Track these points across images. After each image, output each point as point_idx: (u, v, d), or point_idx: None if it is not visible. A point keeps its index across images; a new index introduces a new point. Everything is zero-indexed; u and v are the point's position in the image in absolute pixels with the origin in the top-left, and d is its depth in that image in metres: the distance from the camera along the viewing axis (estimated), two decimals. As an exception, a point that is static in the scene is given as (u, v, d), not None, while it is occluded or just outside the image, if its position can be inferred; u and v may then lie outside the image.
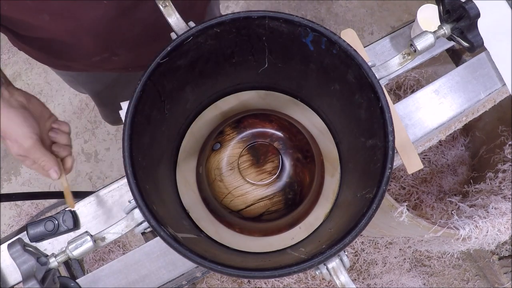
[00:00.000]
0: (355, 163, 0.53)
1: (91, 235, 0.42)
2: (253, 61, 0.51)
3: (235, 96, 0.60)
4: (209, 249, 0.51)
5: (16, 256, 0.38)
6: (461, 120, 0.68)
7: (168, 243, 0.40)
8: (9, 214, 1.41)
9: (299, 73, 0.52)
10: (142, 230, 0.44)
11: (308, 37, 0.45)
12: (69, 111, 1.49)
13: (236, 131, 0.56)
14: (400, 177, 1.28)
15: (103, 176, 1.45)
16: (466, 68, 0.69)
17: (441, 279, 1.37)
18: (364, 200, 0.43)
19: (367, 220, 0.40)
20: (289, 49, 0.48)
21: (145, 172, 0.44)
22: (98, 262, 1.32)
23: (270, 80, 0.57)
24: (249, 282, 1.33)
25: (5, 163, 1.46)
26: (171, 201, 0.54)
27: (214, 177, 0.55)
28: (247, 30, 0.46)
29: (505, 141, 1.09)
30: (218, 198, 0.55)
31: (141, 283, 0.60)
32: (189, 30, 0.44)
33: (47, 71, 1.52)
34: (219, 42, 0.46)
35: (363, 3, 1.58)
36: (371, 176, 0.44)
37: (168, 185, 0.55)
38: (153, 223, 0.40)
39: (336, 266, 0.42)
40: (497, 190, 1.03)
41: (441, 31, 0.47)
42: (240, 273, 0.39)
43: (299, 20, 0.43)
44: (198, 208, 0.57)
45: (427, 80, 1.23)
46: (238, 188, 0.54)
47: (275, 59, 0.51)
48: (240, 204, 0.54)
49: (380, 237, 1.33)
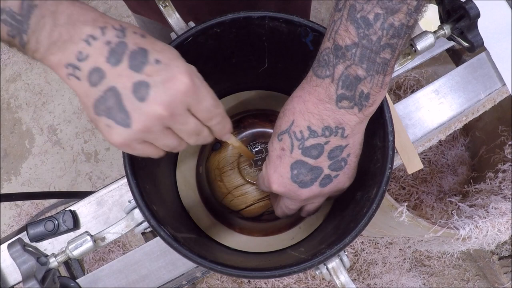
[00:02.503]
0: (355, 163, 0.53)
1: (91, 235, 0.42)
2: (253, 61, 0.51)
3: (235, 96, 0.60)
4: (209, 249, 0.51)
5: (16, 256, 0.38)
6: (461, 120, 0.68)
7: (168, 243, 0.40)
8: (9, 214, 1.41)
9: (299, 73, 0.52)
10: (142, 230, 0.44)
11: (308, 37, 0.45)
12: (69, 111, 1.49)
13: (236, 131, 0.56)
14: (400, 177, 1.28)
15: (103, 176, 1.45)
16: (466, 68, 0.69)
17: (441, 279, 1.37)
18: (364, 200, 0.43)
19: (367, 220, 0.40)
20: (289, 49, 0.48)
21: (145, 172, 0.44)
22: (98, 262, 1.33)
23: (270, 80, 0.57)
24: (249, 282, 1.33)
25: (5, 163, 1.46)
26: (171, 201, 0.54)
27: (214, 177, 0.56)
28: (247, 30, 0.46)
29: (505, 141, 1.09)
30: (218, 198, 0.55)
31: (141, 283, 0.60)
32: (189, 30, 0.44)
33: (47, 71, 1.52)
34: (219, 42, 0.46)
35: (363, 3, 1.58)
36: (371, 176, 0.44)
37: (168, 185, 0.55)
38: (153, 223, 0.40)
39: (336, 266, 0.42)
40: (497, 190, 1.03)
41: (441, 31, 0.47)
42: (240, 273, 0.39)
43: (299, 20, 0.44)
44: (198, 208, 0.57)
45: (427, 80, 1.23)
46: (238, 188, 0.54)
47: (275, 59, 0.51)
48: (240, 204, 0.54)
49: (380, 237, 1.33)
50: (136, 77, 0.33)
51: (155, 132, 0.35)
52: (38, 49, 0.33)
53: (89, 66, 0.33)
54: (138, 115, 0.33)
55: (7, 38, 0.33)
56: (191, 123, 0.36)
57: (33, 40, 0.33)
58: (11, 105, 1.50)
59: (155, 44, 0.35)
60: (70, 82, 0.34)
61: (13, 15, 0.32)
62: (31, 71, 1.53)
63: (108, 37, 0.34)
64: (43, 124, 1.48)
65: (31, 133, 1.48)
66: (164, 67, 0.34)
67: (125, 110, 0.33)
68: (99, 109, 0.34)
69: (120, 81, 0.33)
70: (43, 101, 1.50)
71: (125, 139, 0.34)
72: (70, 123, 1.48)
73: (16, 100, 1.50)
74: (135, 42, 0.34)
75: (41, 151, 1.46)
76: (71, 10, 0.33)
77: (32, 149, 1.47)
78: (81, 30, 0.33)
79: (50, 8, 0.33)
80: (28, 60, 1.54)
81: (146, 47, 0.34)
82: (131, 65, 0.33)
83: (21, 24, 0.32)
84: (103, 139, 1.47)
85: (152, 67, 0.34)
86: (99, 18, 0.34)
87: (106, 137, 0.35)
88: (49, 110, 1.49)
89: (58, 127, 1.48)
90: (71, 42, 0.33)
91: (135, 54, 0.34)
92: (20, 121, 1.49)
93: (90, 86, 0.34)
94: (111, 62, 0.33)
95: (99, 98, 0.34)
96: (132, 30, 0.35)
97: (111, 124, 0.34)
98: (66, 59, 0.33)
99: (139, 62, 0.33)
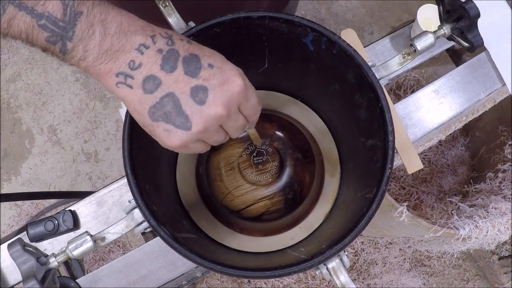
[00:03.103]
0: (355, 163, 0.53)
1: (91, 235, 0.42)
2: (253, 61, 0.51)
3: (235, 96, 0.60)
4: (209, 249, 0.51)
5: (16, 256, 0.38)
6: (461, 120, 0.68)
7: (168, 243, 0.40)
8: (9, 214, 1.41)
9: (299, 73, 0.52)
10: (142, 230, 0.44)
11: (308, 37, 0.45)
12: (69, 111, 1.49)
13: (236, 131, 0.56)
14: (400, 177, 1.28)
15: (103, 176, 1.45)
16: (466, 68, 0.69)
17: (441, 279, 1.37)
18: (364, 200, 0.43)
19: (367, 220, 0.40)
20: (289, 49, 0.48)
21: (145, 172, 0.44)
22: (98, 262, 1.33)
23: (270, 80, 0.57)
24: (249, 282, 1.33)
25: (5, 163, 1.46)
26: (171, 201, 0.54)
27: (214, 177, 0.56)
28: (247, 30, 0.46)
29: (505, 141, 1.09)
30: (218, 198, 0.55)
31: (141, 283, 0.60)
32: (189, 30, 0.44)
33: (47, 71, 1.52)
34: (219, 42, 0.46)
35: (363, 3, 1.58)
36: (371, 176, 0.44)
37: (168, 185, 0.55)
38: (153, 223, 0.40)
39: (336, 266, 0.42)
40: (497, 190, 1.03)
41: (441, 31, 0.47)
42: (240, 273, 0.39)
43: (299, 20, 0.43)
44: (198, 208, 0.57)
45: (427, 80, 1.23)
46: (238, 188, 0.54)
47: (275, 59, 0.51)
48: (240, 204, 0.54)
49: (380, 237, 1.33)
50: (193, 82, 0.35)
51: (211, 131, 0.37)
52: (86, 57, 0.34)
53: (144, 74, 0.34)
54: (198, 117, 0.35)
55: (44, 44, 0.33)
56: (240, 120, 0.39)
57: (79, 48, 0.33)
58: (11, 105, 1.50)
59: (203, 49, 0.37)
60: (119, 90, 0.35)
61: (55, 21, 0.32)
62: (31, 71, 1.53)
63: (159, 45, 0.35)
64: (43, 124, 1.48)
65: (31, 133, 1.48)
66: (218, 71, 0.36)
67: (184, 113, 0.35)
68: (156, 115, 0.35)
69: (178, 87, 0.35)
70: (43, 101, 1.50)
71: (184, 141, 0.36)
72: (70, 123, 1.48)
73: (16, 100, 1.50)
74: (185, 49, 0.36)
75: (41, 151, 1.46)
76: (120, 19, 0.34)
77: (32, 149, 1.47)
78: (132, 40, 0.34)
79: (98, 16, 0.33)
80: (28, 60, 1.54)
81: (196, 52, 0.36)
82: (187, 71, 0.35)
83: (64, 31, 0.33)
84: (103, 139, 1.47)
85: (207, 71, 0.35)
86: (146, 26, 0.35)
87: (164, 141, 0.36)
88: (49, 110, 1.49)
89: (58, 127, 1.48)
90: (123, 51, 0.34)
91: (188, 60, 0.35)
92: (20, 121, 1.49)
93: (145, 93, 0.35)
94: (165, 70, 0.34)
95: (155, 104, 0.35)
96: (177, 37, 0.36)
97: (170, 128, 0.35)
98: (118, 68, 0.34)
99: (194, 68, 0.35)
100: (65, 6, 0.32)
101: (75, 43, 0.33)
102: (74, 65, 0.34)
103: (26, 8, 0.31)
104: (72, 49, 0.33)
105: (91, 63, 0.34)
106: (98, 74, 0.35)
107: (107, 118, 1.48)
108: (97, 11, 0.33)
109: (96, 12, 0.33)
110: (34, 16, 0.32)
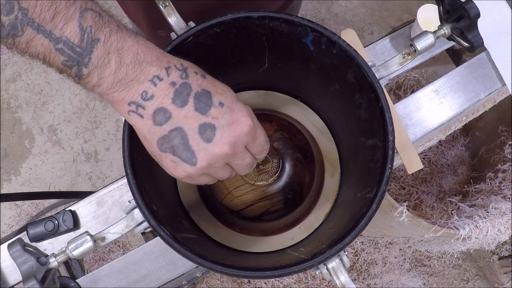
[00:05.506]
0: (355, 163, 0.53)
1: (91, 235, 0.42)
2: (253, 61, 0.51)
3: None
4: (209, 249, 0.51)
5: (16, 256, 0.38)
6: (461, 120, 0.68)
7: (168, 243, 0.40)
8: (9, 214, 1.41)
9: (299, 73, 0.52)
10: (142, 230, 0.44)
11: (308, 37, 0.45)
12: (69, 111, 1.49)
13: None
14: (400, 177, 1.28)
15: (103, 176, 1.45)
16: (466, 68, 0.69)
17: (441, 279, 1.37)
18: (364, 200, 0.43)
19: (367, 220, 0.40)
20: (289, 49, 0.48)
21: (145, 172, 0.44)
22: (98, 262, 1.33)
23: (270, 80, 0.57)
24: (249, 282, 1.33)
25: (5, 163, 1.46)
26: (171, 201, 0.54)
27: (214, 177, 0.55)
28: (247, 30, 0.45)
29: (505, 141, 1.09)
30: (218, 198, 0.55)
31: (141, 283, 0.60)
32: (189, 30, 0.44)
33: (47, 71, 1.52)
34: (219, 42, 0.46)
35: (363, 3, 1.58)
36: (371, 176, 0.44)
37: (168, 185, 0.55)
38: (153, 223, 0.40)
39: (336, 266, 0.42)
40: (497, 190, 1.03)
41: (441, 31, 0.47)
42: (240, 273, 0.39)
43: (299, 20, 0.43)
44: (198, 208, 0.57)
45: (427, 80, 1.23)
46: (238, 188, 0.54)
47: (275, 59, 0.51)
48: (240, 204, 0.54)
49: (380, 237, 1.33)
50: (202, 119, 0.35)
51: (216, 168, 0.37)
52: (101, 85, 0.34)
53: (155, 106, 0.34)
54: (203, 154, 0.35)
55: (61, 67, 0.33)
56: (247, 158, 0.39)
57: (94, 75, 0.33)
58: (11, 105, 1.50)
59: (216, 86, 0.37)
60: (131, 118, 0.36)
61: (72, 46, 0.32)
62: (31, 71, 1.53)
63: (172, 78, 0.35)
64: (43, 124, 1.48)
65: (31, 133, 1.48)
66: (228, 110, 0.36)
67: (191, 149, 0.35)
68: (164, 146, 0.36)
69: (187, 123, 0.35)
70: (43, 101, 1.50)
71: (189, 174, 0.36)
72: (70, 123, 1.48)
73: (16, 100, 1.50)
74: (198, 84, 0.36)
75: (41, 151, 1.46)
76: (136, 48, 0.34)
77: (32, 149, 1.47)
78: (147, 70, 0.34)
79: (115, 45, 0.33)
80: (28, 60, 1.53)
81: (209, 89, 0.36)
82: (197, 108, 0.35)
83: (81, 56, 0.33)
84: (103, 139, 1.47)
85: (217, 110, 0.35)
86: (162, 57, 0.35)
87: (171, 171, 0.37)
88: (49, 110, 1.49)
89: (58, 127, 1.48)
90: (137, 81, 0.34)
91: (200, 96, 0.35)
92: (20, 121, 1.49)
93: (154, 125, 0.35)
94: (176, 104, 0.35)
95: (163, 136, 0.35)
96: (192, 70, 0.36)
97: (176, 160, 0.36)
98: (131, 97, 0.34)
99: (204, 105, 0.35)
100: (82, 31, 0.32)
101: (90, 69, 0.33)
102: (92, 91, 0.35)
103: (44, 31, 0.32)
104: (87, 75, 0.33)
105: (105, 91, 0.34)
106: (111, 101, 0.35)
107: (107, 118, 1.48)
108: (114, 39, 0.33)
109: (113, 40, 0.33)
110: (51, 40, 0.32)
